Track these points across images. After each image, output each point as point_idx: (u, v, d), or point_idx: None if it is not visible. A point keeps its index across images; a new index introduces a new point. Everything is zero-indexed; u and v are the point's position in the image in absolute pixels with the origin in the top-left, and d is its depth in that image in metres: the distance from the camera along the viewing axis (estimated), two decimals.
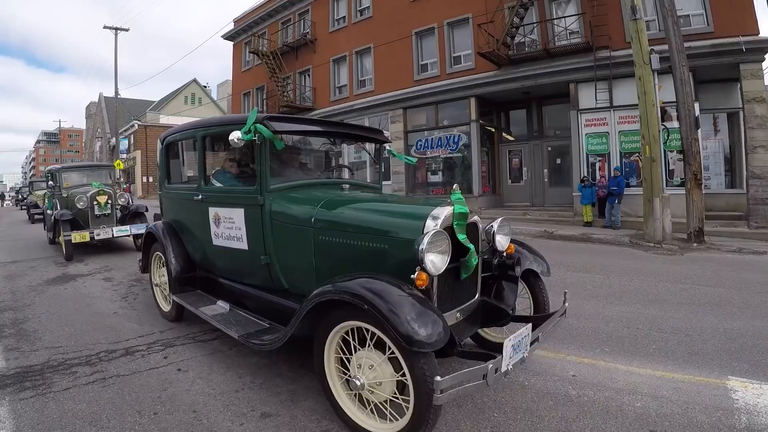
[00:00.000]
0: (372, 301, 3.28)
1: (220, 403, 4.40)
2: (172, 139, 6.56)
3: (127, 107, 59.21)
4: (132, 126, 60.03)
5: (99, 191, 12.96)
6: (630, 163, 17.67)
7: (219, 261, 5.85)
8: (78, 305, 7.95)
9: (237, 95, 39.35)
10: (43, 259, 12.94)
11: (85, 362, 5.40)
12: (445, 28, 23.56)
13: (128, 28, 43.92)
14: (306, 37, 31.09)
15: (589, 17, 18.37)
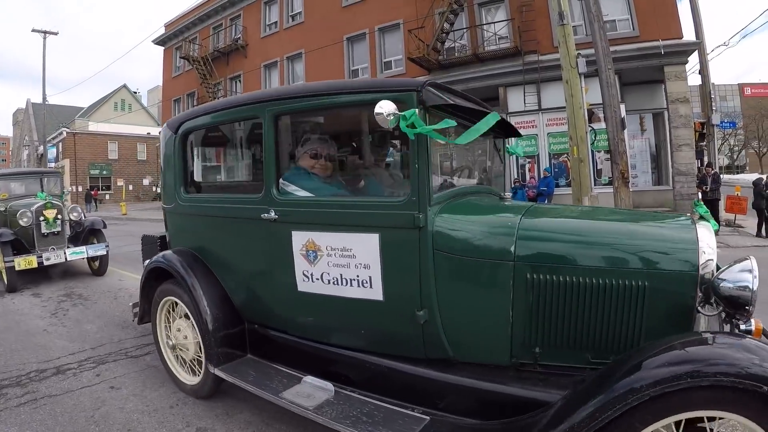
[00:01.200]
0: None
1: (154, 420, 4.27)
2: (199, 123, 4.40)
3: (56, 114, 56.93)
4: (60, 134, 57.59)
5: (46, 204, 10.28)
6: (559, 164, 17.77)
7: (309, 315, 3.69)
8: (6, 323, 7.64)
9: (167, 102, 38.13)
10: None
11: (16, 383, 5.18)
12: (377, 34, 23.32)
13: (57, 32, 41.97)
14: (237, 43, 30.37)
15: (517, 23, 18.43)
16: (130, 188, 52.71)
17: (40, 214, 10.20)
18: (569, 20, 14.04)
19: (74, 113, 63.89)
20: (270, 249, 3.63)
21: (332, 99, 3.39)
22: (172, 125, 4.64)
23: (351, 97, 3.37)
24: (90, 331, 6.88)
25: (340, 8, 25.01)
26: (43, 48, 41.69)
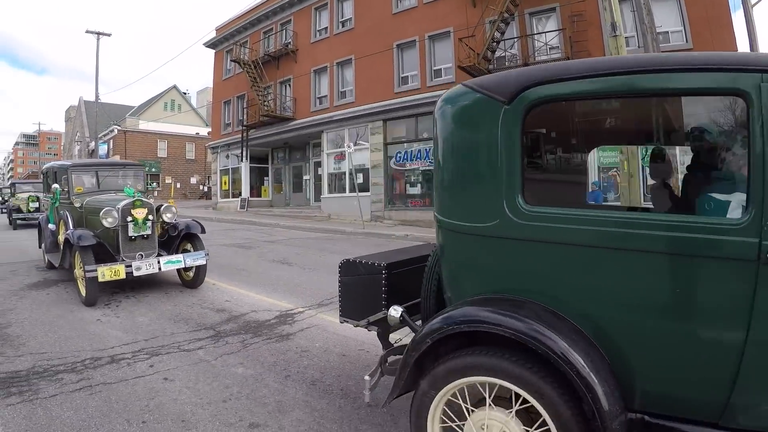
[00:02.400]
0: None
1: (207, 413, 4.37)
2: (570, 91, 2.81)
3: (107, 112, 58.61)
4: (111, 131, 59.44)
5: (135, 202, 8.86)
6: (608, 178, 17.77)
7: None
8: (61, 311, 7.93)
9: (217, 103, 39.19)
10: (24, 263, 12.84)
11: (71, 369, 5.37)
12: (426, 41, 23.59)
13: (110, 33, 43.57)
14: (287, 47, 31.05)
15: (569, 33, 18.51)
16: (177, 186, 54.05)
17: (128, 213, 8.71)
18: (622, 31, 13.98)
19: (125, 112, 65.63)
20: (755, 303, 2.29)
21: None
22: (498, 88, 2.96)
23: None
24: (142, 323, 7.16)
25: (390, 15, 25.43)
26: (97, 48, 43.15)
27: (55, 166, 11.71)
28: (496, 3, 19.49)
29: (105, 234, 8.69)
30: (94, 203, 9.53)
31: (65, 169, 10.74)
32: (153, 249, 9.12)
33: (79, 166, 11.15)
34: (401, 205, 24.40)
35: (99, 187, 10.79)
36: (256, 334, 6.69)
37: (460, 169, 3.16)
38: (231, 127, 37.28)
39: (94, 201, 9.64)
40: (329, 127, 28.02)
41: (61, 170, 10.99)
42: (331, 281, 10.06)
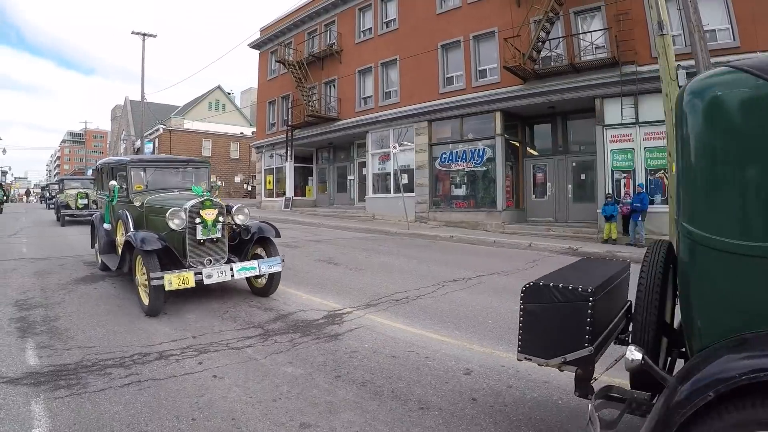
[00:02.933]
0: None
1: (258, 411, 4.39)
2: None
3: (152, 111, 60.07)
4: (157, 130, 60.88)
5: (204, 202, 8.11)
6: (655, 180, 17.72)
7: None
8: (108, 306, 8.15)
9: (262, 103, 40.04)
10: (72, 258, 13.28)
11: (119, 364, 5.47)
12: (471, 41, 23.84)
13: (156, 35, 44.66)
14: (332, 48, 31.66)
15: (614, 32, 18.54)
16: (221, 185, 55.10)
17: (197, 214, 7.97)
18: (669, 30, 14.01)
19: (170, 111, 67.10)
20: None
21: None
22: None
23: None
24: (190, 320, 7.26)
25: (434, 15, 25.75)
26: (143, 49, 44.45)
27: (111, 162, 11.20)
28: (540, 2, 19.69)
29: (170, 237, 7.91)
30: (157, 203, 8.89)
31: (124, 164, 9.98)
32: (222, 254, 8.37)
33: (139, 162, 10.42)
34: (446, 206, 24.74)
35: (160, 185, 10.04)
36: (305, 334, 6.75)
37: (728, 174, 2.56)
38: (276, 126, 38.13)
39: (157, 200, 9.01)
40: (374, 127, 28.53)
41: (119, 166, 10.36)
42: (378, 282, 10.48)
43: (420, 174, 25.69)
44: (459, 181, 24.54)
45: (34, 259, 12.98)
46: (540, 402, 4.60)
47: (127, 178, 9.70)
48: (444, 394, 4.79)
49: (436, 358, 5.83)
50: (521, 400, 4.65)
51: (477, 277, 11.20)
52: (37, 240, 17.99)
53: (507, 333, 6.71)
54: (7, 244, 16.58)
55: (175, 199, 8.78)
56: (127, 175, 9.71)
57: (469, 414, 4.37)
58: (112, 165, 10.95)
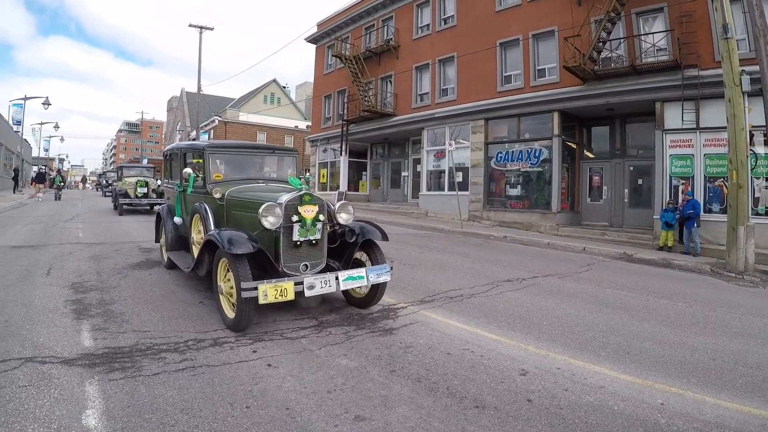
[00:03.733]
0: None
1: (312, 402, 4.46)
2: None
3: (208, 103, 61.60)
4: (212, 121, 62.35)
5: (303, 197, 6.86)
6: (714, 188, 17.64)
7: None
8: (163, 291, 8.43)
9: (318, 97, 40.93)
10: (127, 244, 13.88)
11: (174, 349, 5.61)
12: (530, 40, 24.03)
13: (213, 27, 45.83)
14: (389, 44, 32.22)
15: (677, 34, 18.49)
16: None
17: (294, 211, 6.74)
18: (733, 34, 14.02)
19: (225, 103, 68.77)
20: None
21: None
22: None
23: None
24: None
25: (493, 13, 26.03)
26: (200, 42, 45.71)
27: (184, 146, 10.10)
28: (602, 2, 19.84)
29: (259, 237, 6.70)
30: (243, 195, 7.84)
31: (200, 149, 8.98)
32: (320, 259, 7.14)
33: (219, 148, 9.22)
34: (499, 206, 25.03)
35: (240, 175, 8.96)
36: (359, 327, 6.86)
37: None
38: (331, 121, 39.03)
39: (244, 193, 7.96)
40: (430, 124, 29.03)
41: (194, 151, 9.54)
42: (431, 278, 10.78)
43: (475, 172, 26.07)
44: (514, 181, 24.77)
45: (89, 244, 13.57)
46: (596, 407, 4.65)
47: (205, 165, 8.59)
48: (499, 394, 4.85)
49: (491, 357, 5.91)
50: (577, 403, 4.70)
51: (531, 278, 11.41)
52: (92, 225, 18.81)
53: (562, 335, 6.93)
54: (63, 228, 17.28)
55: (264, 192, 7.72)
56: (205, 161, 8.59)
57: (525, 415, 4.41)
58: (185, 150, 9.88)
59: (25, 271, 9.71)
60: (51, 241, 13.90)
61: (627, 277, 12.49)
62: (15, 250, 12.38)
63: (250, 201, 7.52)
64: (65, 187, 48.74)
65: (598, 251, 16.73)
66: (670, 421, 4.42)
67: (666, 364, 5.95)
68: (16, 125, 52.11)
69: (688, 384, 5.35)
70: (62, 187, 37.34)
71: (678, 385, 5.28)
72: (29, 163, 66.71)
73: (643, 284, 11.43)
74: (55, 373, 4.87)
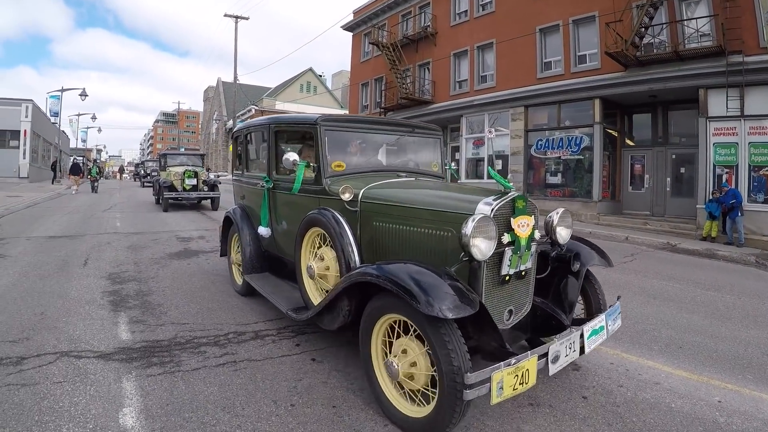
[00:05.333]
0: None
1: (360, 400, 4.33)
2: None
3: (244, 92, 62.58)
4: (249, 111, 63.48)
5: (516, 203, 4.30)
6: (759, 177, 17.65)
7: None
8: (202, 282, 8.34)
9: (355, 85, 41.42)
10: (165, 233, 14.04)
11: (214, 342, 5.53)
12: (570, 26, 24.11)
13: (248, 17, 46.70)
14: (426, 30, 32.43)
15: (721, 19, 18.41)
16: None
17: (506, 227, 4.22)
18: None
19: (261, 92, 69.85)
20: None
21: None
22: None
23: None
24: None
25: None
26: (235, 32, 46.71)
27: (273, 122, 6.78)
28: None
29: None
30: (396, 198, 5.03)
31: (309, 124, 5.94)
32: (526, 299, 4.76)
33: (338, 123, 6.01)
34: (539, 194, 25.15)
35: (366, 166, 6.26)
36: None
37: None
38: (368, 109, 39.50)
39: (395, 194, 5.13)
40: (468, 111, 29.28)
41: (297, 128, 6.71)
42: None
43: (514, 160, 26.33)
44: (554, 169, 24.94)
45: (127, 234, 13.77)
46: (652, 404, 4.59)
47: (320, 149, 5.66)
48: (554, 391, 4.76)
49: None
50: (633, 400, 4.63)
51: None
52: (130, 215, 19.13)
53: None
54: (101, 218, 17.67)
55: (434, 193, 5.07)
56: (319, 143, 5.67)
57: (581, 413, 4.33)
58: (278, 126, 6.68)
59: (62, 262, 9.82)
60: (89, 231, 14.18)
61: (672, 268, 12.57)
62: (52, 240, 12.59)
63: (420, 209, 4.67)
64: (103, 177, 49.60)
65: (641, 241, 16.92)
66: (729, 419, 4.36)
67: (720, 359, 5.90)
68: (53, 116, 53.52)
69: (744, 380, 5.29)
70: (99, 179, 37.15)
71: (734, 382, 5.23)
72: (67, 154, 68.54)
73: (689, 275, 11.49)
74: (91, 368, 4.84)
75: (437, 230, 4.42)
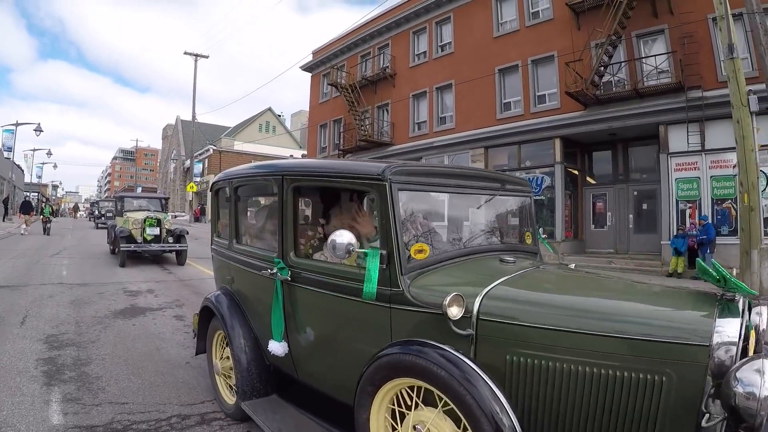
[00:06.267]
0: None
1: None
2: None
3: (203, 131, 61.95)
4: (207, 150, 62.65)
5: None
6: (722, 210, 17.49)
7: None
8: (147, 348, 7.51)
9: (313, 126, 40.87)
10: (112, 285, 12.94)
11: (154, 428, 4.79)
12: (530, 66, 24.01)
13: (208, 56, 46.18)
14: (385, 71, 32.18)
15: (679, 55, 18.54)
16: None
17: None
18: (738, 53, 13.90)
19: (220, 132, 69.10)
20: None
21: None
22: None
23: None
24: None
25: (491, 39, 26.06)
26: (194, 70, 46.07)
27: (305, 172, 4.44)
28: (602, 25, 19.73)
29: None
30: (561, 316, 2.84)
31: (374, 178, 3.49)
32: None
33: (418, 176, 3.73)
34: None
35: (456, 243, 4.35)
36: None
37: None
38: (327, 150, 38.86)
39: (549, 301, 3.14)
40: (428, 153, 28.85)
41: (344, 181, 3.90)
42: None
43: None
44: None
45: (72, 285, 12.70)
46: None
47: (390, 221, 3.37)
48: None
49: None
50: None
51: None
52: (79, 262, 17.76)
53: None
54: (47, 266, 16.35)
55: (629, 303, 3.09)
56: (390, 212, 3.37)
57: None
58: (297, 181, 4.22)
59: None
60: (32, 281, 13.12)
61: None
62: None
63: (618, 338, 2.63)
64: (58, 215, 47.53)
65: None
66: None
67: None
68: (7, 151, 52.20)
69: None
70: (51, 219, 33.53)
71: None
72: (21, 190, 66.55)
73: None
74: None
75: (640, 374, 2.52)
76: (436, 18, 29.40)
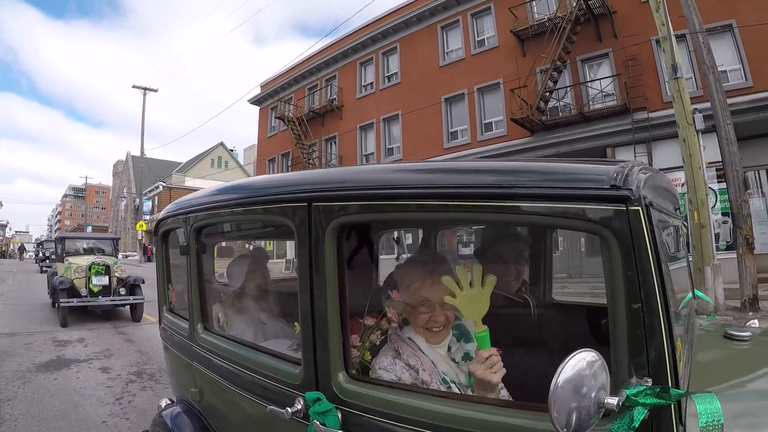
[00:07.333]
0: None
1: None
2: None
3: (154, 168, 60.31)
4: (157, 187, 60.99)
5: None
6: None
7: None
8: (64, 406, 6.87)
9: (262, 161, 39.70)
10: (41, 334, 12.01)
11: None
12: (476, 94, 23.71)
13: (157, 89, 44.84)
14: (332, 103, 31.53)
15: (624, 78, 18.42)
16: (223, 245, 54.96)
17: None
18: (682, 73, 13.66)
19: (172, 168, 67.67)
20: None
21: None
22: None
23: None
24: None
25: (437, 68, 25.73)
26: (143, 104, 44.73)
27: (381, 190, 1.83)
28: (547, 51, 19.48)
29: None
30: None
31: (614, 201, 1.34)
32: None
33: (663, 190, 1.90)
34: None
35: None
36: None
37: None
38: None
39: None
40: None
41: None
42: None
43: None
44: (466, 240, 23.61)
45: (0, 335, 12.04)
46: None
47: (652, 279, 1.33)
48: None
49: None
50: None
51: None
52: (12, 309, 16.39)
53: None
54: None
55: None
56: (649, 263, 1.33)
57: None
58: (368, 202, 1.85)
59: None
60: None
61: None
62: None
63: None
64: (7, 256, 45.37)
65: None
66: None
67: None
68: None
69: None
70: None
71: None
72: None
73: None
74: None
75: None
76: (383, 48, 29.04)
